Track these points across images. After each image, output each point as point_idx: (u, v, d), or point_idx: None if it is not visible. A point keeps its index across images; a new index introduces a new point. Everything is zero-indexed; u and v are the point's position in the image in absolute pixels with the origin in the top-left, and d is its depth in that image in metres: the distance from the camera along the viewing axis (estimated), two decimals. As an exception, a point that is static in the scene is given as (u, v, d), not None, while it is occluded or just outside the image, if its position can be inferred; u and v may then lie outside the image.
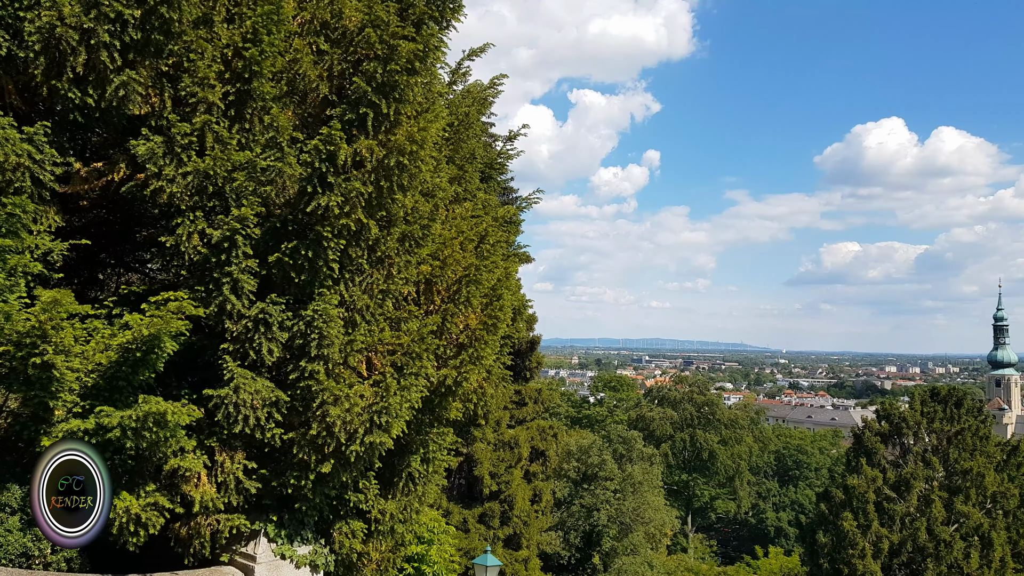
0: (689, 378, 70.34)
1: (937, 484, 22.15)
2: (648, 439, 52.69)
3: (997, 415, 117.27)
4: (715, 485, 58.83)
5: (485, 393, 9.89)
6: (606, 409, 65.09)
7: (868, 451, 23.81)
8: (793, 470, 66.28)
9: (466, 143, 10.12)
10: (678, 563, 39.88)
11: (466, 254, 8.93)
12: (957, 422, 22.94)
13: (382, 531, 8.84)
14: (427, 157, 7.86)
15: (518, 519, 24.64)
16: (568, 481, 36.87)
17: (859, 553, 20.49)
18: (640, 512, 36.16)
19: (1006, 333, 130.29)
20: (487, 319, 8.83)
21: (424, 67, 7.76)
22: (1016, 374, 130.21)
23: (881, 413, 25.05)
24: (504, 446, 24.76)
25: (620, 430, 44.86)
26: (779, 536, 56.07)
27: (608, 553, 34.82)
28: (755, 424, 63.46)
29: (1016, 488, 21.84)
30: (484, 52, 12.06)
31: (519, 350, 27.24)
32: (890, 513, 21.42)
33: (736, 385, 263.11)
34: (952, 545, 19.91)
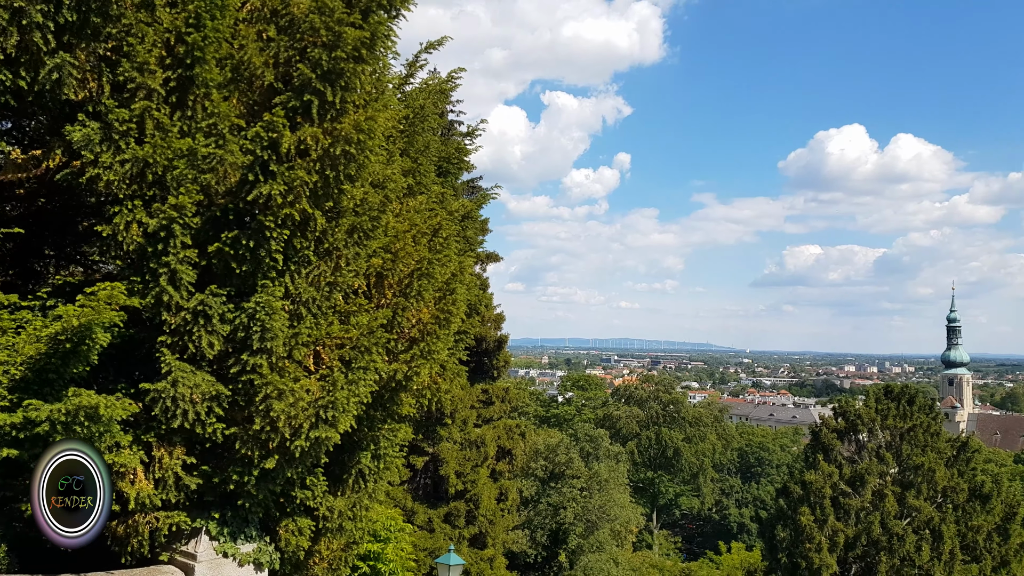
0: (656, 377, 70.84)
1: (890, 479, 22.48)
2: (615, 437, 53.00)
3: (950, 413, 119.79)
4: (680, 482, 59.30)
5: (439, 388, 9.78)
6: (574, 408, 65.32)
7: (825, 448, 24.09)
8: (755, 467, 67.08)
9: (421, 136, 9.99)
10: (643, 560, 40.09)
11: (419, 247, 8.81)
12: (910, 419, 23.30)
13: (331, 529, 8.68)
14: (377, 147, 7.72)
15: (484, 518, 24.56)
16: (535, 480, 36.89)
17: (816, 547, 20.71)
18: (606, 510, 36.34)
19: (959, 334, 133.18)
20: (440, 313, 8.71)
21: (372, 55, 7.61)
22: (968, 373, 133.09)
23: (838, 411, 25.38)
24: (471, 445, 24.65)
25: (588, 429, 45.07)
26: (742, 532, 56.63)
27: (574, 551, 34.91)
28: (719, 422, 64.08)
29: (965, 483, 22.23)
30: (442, 45, 11.92)
31: (487, 349, 27.17)
32: (846, 508, 21.69)
33: (702, 384, 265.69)
34: (904, 538, 20.20)
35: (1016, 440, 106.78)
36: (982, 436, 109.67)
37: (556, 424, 59.10)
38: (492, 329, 26.67)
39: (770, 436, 74.33)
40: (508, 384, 31.17)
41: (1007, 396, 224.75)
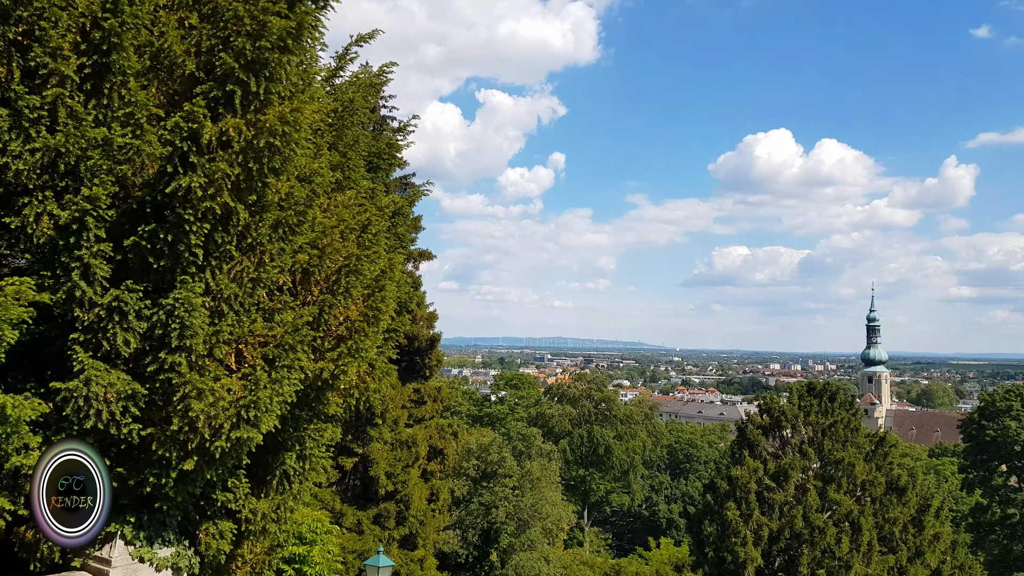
0: (588, 376, 71.50)
1: (812, 474, 23.16)
2: (547, 436, 53.25)
3: (869, 409, 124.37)
4: (611, 479, 59.98)
5: (368, 388, 9.62)
6: (507, 407, 65.45)
7: (751, 443, 24.68)
8: (684, 463, 68.36)
9: (350, 130, 9.82)
10: (574, 557, 40.39)
11: (347, 243, 8.65)
12: (831, 415, 24.04)
13: (254, 531, 8.47)
14: (303, 140, 7.55)
15: (414, 519, 24.37)
16: (467, 479, 36.79)
17: (741, 541, 21.20)
18: (538, 508, 36.46)
19: (878, 333, 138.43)
20: (368, 311, 8.58)
21: (298, 46, 7.46)
22: (886, 371, 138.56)
23: (763, 408, 26.03)
24: (401, 445, 24.43)
25: (520, 427, 45.19)
26: (670, 527, 57.69)
27: (506, 550, 34.95)
28: (649, 420, 64.99)
29: (883, 476, 23.05)
30: (373, 38, 11.74)
31: (419, 348, 26.96)
32: (770, 502, 22.26)
33: (633, 382, 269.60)
34: (825, 531, 20.84)
35: (931, 435, 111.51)
36: (899, 431, 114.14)
37: (489, 423, 59.11)
38: (424, 328, 26.49)
39: (698, 433, 75.88)
40: (441, 383, 31.02)
41: (923, 393, 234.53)
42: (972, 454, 46.31)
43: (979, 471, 44.97)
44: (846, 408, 24.95)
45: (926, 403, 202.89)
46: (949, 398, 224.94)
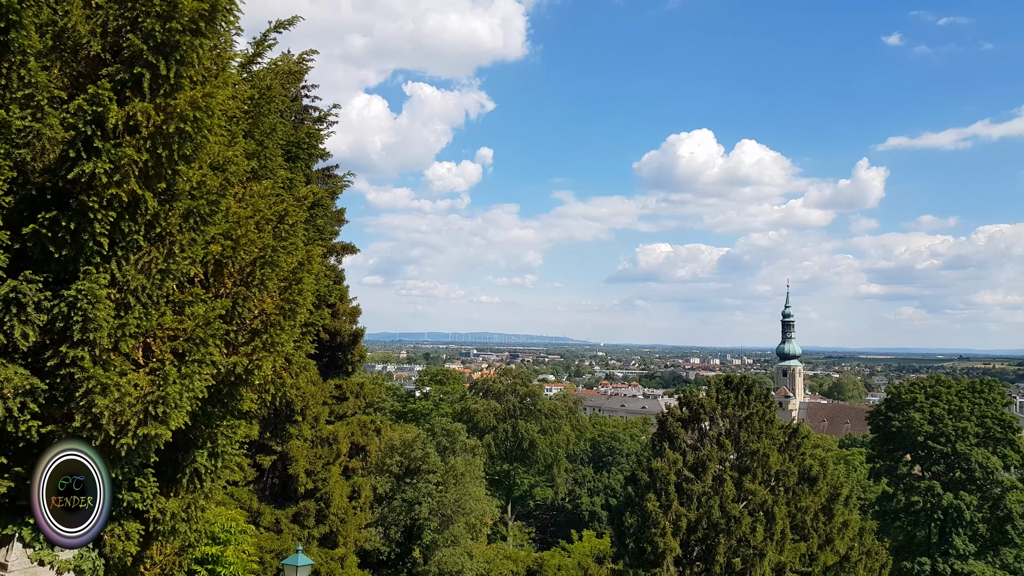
0: (514, 371, 71.64)
1: (729, 465, 23.75)
2: (472, 431, 53.25)
3: (783, 402, 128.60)
4: (534, 473, 60.39)
5: (284, 383, 9.40)
6: (432, 403, 65.20)
7: (671, 436, 25.14)
8: (607, 456, 69.33)
9: (267, 117, 9.55)
10: (497, 551, 40.49)
11: (263, 234, 8.41)
12: (747, 408, 24.69)
13: (163, 532, 8.17)
14: (216, 127, 7.30)
15: (335, 517, 24.03)
16: (390, 476, 36.53)
17: (660, 531, 21.58)
18: (462, 503, 36.44)
19: (792, 328, 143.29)
20: (285, 304, 8.37)
21: (212, 29, 7.21)
22: (800, 365, 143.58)
23: (682, 401, 26.55)
24: (322, 442, 24.06)
25: (445, 423, 45.06)
26: (593, 520, 58.41)
27: (429, 546, 34.83)
28: (573, 414, 65.69)
29: (795, 467, 23.80)
30: (293, 25, 11.45)
31: (341, 344, 26.57)
32: (688, 493, 22.73)
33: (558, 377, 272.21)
34: (741, 520, 21.40)
35: (841, 426, 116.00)
36: (811, 423, 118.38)
37: (413, 419, 58.81)
38: (347, 323, 26.13)
39: (621, 426, 77.08)
40: (363, 379, 30.66)
41: (834, 386, 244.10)
42: (879, 444, 48.33)
43: (885, 460, 46.98)
44: (761, 401, 25.65)
45: (837, 396, 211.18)
46: (859, 391, 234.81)
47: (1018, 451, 44.45)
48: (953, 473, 43.27)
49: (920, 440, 44.15)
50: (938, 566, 41.78)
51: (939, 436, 43.70)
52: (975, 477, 42.78)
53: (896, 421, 45.75)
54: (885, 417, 47.32)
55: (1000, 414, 45.14)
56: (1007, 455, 44.10)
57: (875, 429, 48.91)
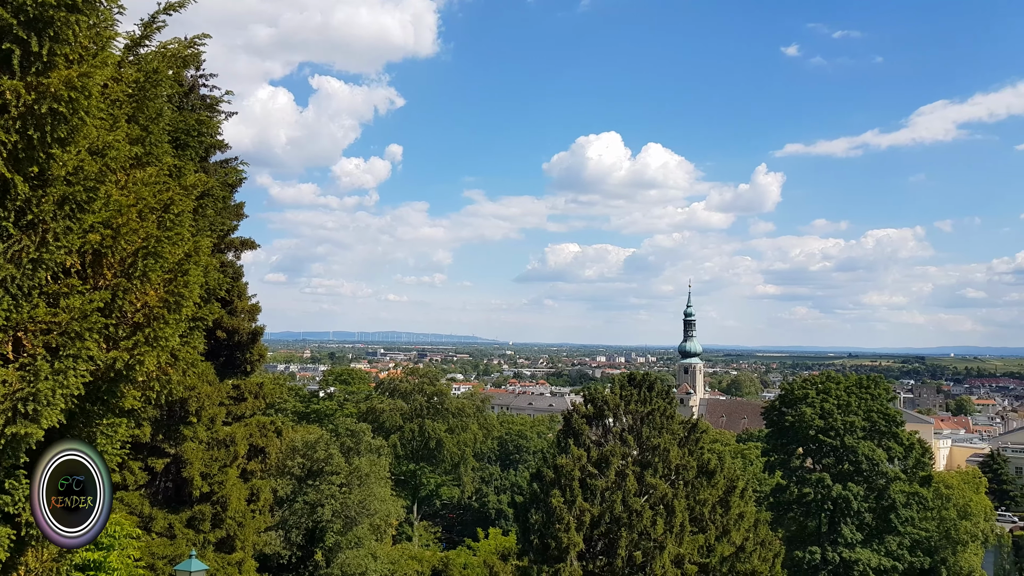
0: (421, 370, 71.24)
1: (632, 460, 24.20)
2: (378, 431, 52.62)
3: (684, 398, 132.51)
4: (441, 472, 60.18)
5: (171, 380, 8.96)
6: (336, 403, 64.11)
7: (576, 433, 25.44)
8: (514, 454, 69.74)
9: (153, 102, 9.07)
10: (402, 552, 40.13)
11: (146, 224, 7.97)
12: (649, 404, 25.23)
13: (37, 536, 7.64)
14: (94, 109, 6.88)
15: (232, 521, 23.28)
16: (292, 478, 35.74)
17: (565, 527, 21.79)
18: (366, 504, 36.00)
19: (694, 327, 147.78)
20: (169, 297, 7.96)
21: (90, 6, 6.80)
22: (700, 363, 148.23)
23: (587, 398, 26.91)
24: (219, 444, 23.26)
25: (349, 423, 44.39)
26: (500, 517, 58.65)
27: (332, 548, 34.22)
28: (481, 412, 65.79)
29: (695, 461, 24.46)
30: (184, 7, 10.93)
31: (239, 342, 25.74)
32: (592, 488, 23.04)
33: (466, 376, 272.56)
34: (642, 514, 21.83)
35: (739, 422, 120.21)
36: (710, 418, 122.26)
37: (316, 420, 57.68)
38: (246, 320, 25.33)
39: (528, 424, 77.72)
40: (264, 379, 29.86)
41: (732, 383, 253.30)
42: (773, 438, 50.30)
43: (779, 454, 48.92)
44: (663, 397, 26.26)
45: (735, 392, 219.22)
46: (755, 387, 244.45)
47: (901, 444, 47.06)
48: (842, 465, 45.42)
49: (812, 434, 46.17)
50: (828, 554, 43.78)
51: (829, 430, 45.81)
52: (862, 469, 45.05)
53: (789, 416, 47.70)
54: (779, 412, 49.28)
55: (885, 409, 47.68)
56: (891, 447, 46.61)
57: (770, 424, 50.87)
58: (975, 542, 57.72)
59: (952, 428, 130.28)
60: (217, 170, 22.95)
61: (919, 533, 49.27)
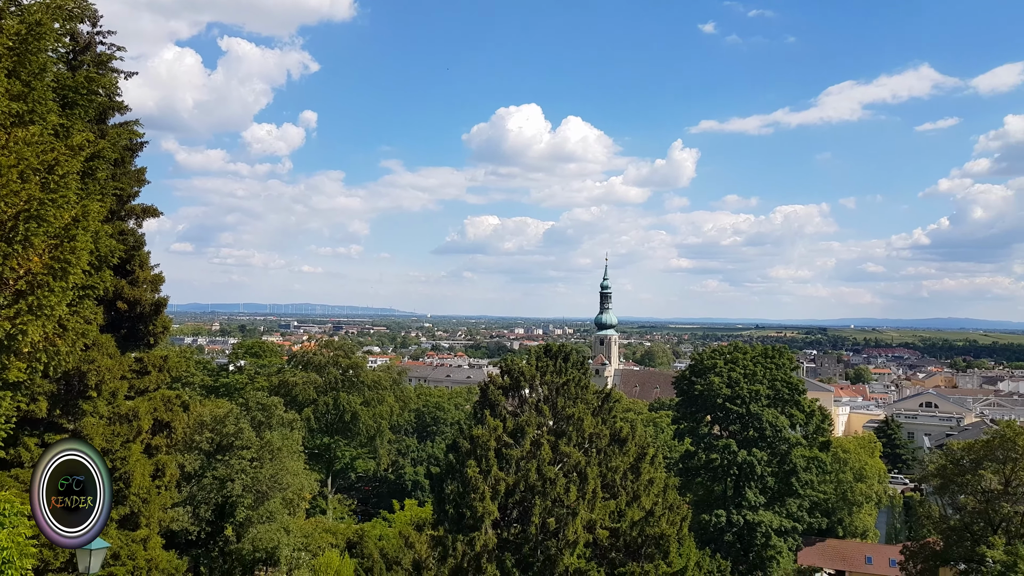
0: (336, 342, 70.07)
1: (547, 430, 24.44)
2: (291, 404, 51.71)
3: (600, 369, 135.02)
4: (357, 445, 59.70)
5: (59, 351, 8.48)
6: (247, 376, 62.64)
7: (492, 403, 25.49)
8: (431, 426, 69.74)
9: (36, 56, 8.44)
10: (316, 525, 39.72)
11: (28, 185, 7.44)
12: (565, 374, 25.48)
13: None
14: (-35, 59, 6.34)
15: (136, 497, 22.54)
16: (200, 453, 34.84)
17: (480, 496, 21.88)
18: (278, 478, 35.44)
19: (610, 300, 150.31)
20: (55, 263, 7.48)
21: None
22: (615, 334, 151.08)
23: (504, 368, 26.97)
24: (121, 419, 22.41)
25: (260, 397, 43.43)
26: (416, 489, 58.70)
27: (242, 523, 33.57)
28: (397, 385, 65.38)
29: (607, 429, 24.89)
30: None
31: (141, 314, 24.74)
32: (508, 458, 23.18)
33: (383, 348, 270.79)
34: (556, 482, 22.11)
35: (651, 391, 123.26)
36: (624, 388, 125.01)
37: (226, 394, 56.29)
38: (148, 291, 24.33)
39: (446, 396, 77.72)
40: (168, 352, 28.83)
41: (646, 354, 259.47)
42: (683, 407, 51.76)
43: (689, 422, 50.41)
44: (578, 368, 26.55)
45: (648, 363, 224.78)
46: (667, 358, 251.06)
47: (803, 411, 49.11)
48: (747, 432, 47.15)
49: (719, 402, 47.71)
50: (732, 517, 45.52)
51: (736, 398, 47.41)
52: (766, 435, 46.86)
53: (699, 385, 49.13)
54: (689, 382, 50.69)
55: (788, 378, 49.62)
56: (793, 414, 48.59)
57: (680, 393, 52.30)
58: (869, 503, 61.10)
59: (850, 396, 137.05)
60: (116, 133, 21.83)
61: (818, 495, 51.75)
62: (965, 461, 43.75)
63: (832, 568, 51.29)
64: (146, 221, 25.20)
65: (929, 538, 46.48)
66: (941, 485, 45.35)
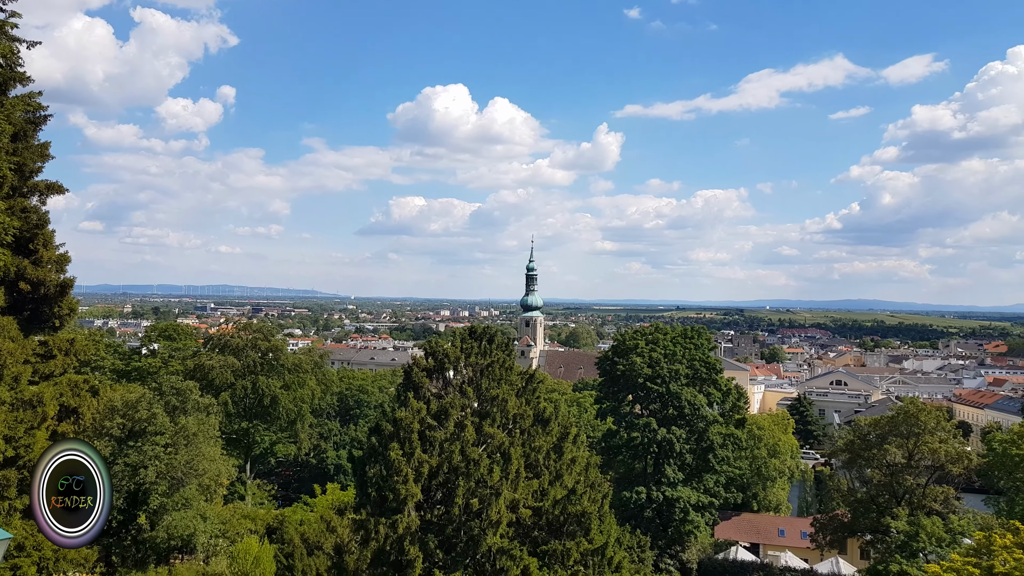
0: (255, 325, 68.36)
1: (471, 411, 24.42)
2: (207, 389, 50.34)
3: (525, 350, 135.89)
4: (277, 430, 58.56)
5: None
6: (160, 360, 60.58)
7: (416, 385, 25.29)
8: (355, 409, 68.99)
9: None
10: (234, 511, 38.89)
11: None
12: (489, 356, 25.45)
13: None
14: None
15: (42, 486, 21.58)
16: (111, 439, 33.65)
17: (403, 479, 21.73)
18: (194, 464, 34.56)
19: (535, 282, 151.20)
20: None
21: None
22: (541, 315, 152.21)
23: (428, 351, 26.76)
24: (24, 405, 21.43)
25: (175, 381, 42.12)
26: (339, 473, 58.08)
27: (157, 511, 32.64)
28: (319, 368, 64.29)
29: (531, 410, 25.04)
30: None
31: (46, 295, 23.66)
32: (431, 440, 23.06)
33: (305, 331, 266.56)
34: (480, 463, 22.13)
35: (576, 372, 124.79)
36: (549, 369, 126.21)
37: (139, 378, 54.36)
38: (52, 272, 23.21)
39: (370, 379, 76.91)
40: (76, 335, 27.69)
41: (571, 335, 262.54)
42: (606, 387, 52.56)
43: (611, 401, 51.24)
44: (503, 349, 26.54)
45: (573, 344, 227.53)
46: (592, 339, 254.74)
47: (720, 389, 50.51)
48: (667, 410, 48.24)
49: (640, 382, 48.61)
50: (652, 493, 46.60)
51: (656, 378, 48.40)
52: (685, 413, 48.04)
53: (621, 366, 49.93)
54: (612, 362, 51.46)
55: (706, 357, 50.91)
56: (711, 393, 49.95)
57: (603, 373, 53.07)
58: (782, 478, 63.48)
59: (765, 375, 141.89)
60: (12, 104, 20.68)
61: (734, 471, 53.41)
62: (871, 436, 45.89)
63: (747, 541, 53.14)
64: (51, 198, 24.00)
65: (838, 510, 48.70)
66: (849, 459, 47.52)
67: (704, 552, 47.84)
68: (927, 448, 43.35)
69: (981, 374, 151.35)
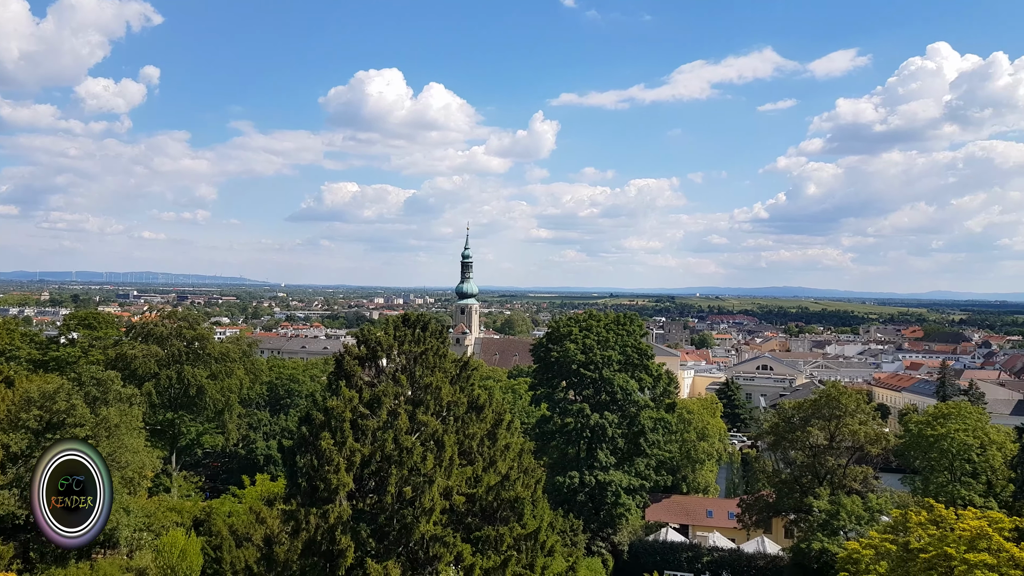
0: (180, 313, 66.36)
1: (404, 399, 24.17)
2: (130, 379, 48.75)
3: (461, 338, 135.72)
4: (203, 420, 57.09)
5: None
6: (80, 349, 58.44)
7: (347, 374, 24.91)
8: (285, 399, 67.69)
9: None
10: (159, 504, 37.77)
11: None
12: (423, 344, 25.21)
13: None
14: None
15: (-50, 482, 20.52)
16: (27, 432, 32.33)
17: (335, 468, 21.41)
18: (116, 457, 33.51)
19: (471, 269, 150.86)
20: None
21: None
22: (476, 303, 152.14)
23: (360, 339, 26.38)
24: (-70, 397, 20.24)
25: (95, 371, 40.67)
26: (269, 463, 56.85)
27: (76, 505, 31.38)
28: (248, 357, 62.86)
29: (465, 397, 24.94)
30: None
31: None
32: (364, 429, 22.76)
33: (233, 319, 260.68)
34: (413, 451, 21.94)
35: (511, 359, 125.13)
36: (485, 356, 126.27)
37: (57, 368, 52.27)
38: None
39: (301, 368, 75.52)
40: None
41: (506, 322, 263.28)
42: (540, 373, 52.75)
43: (545, 387, 51.46)
44: (436, 337, 26.31)
45: (508, 331, 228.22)
46: (527, 326, 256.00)
47: (651, 375, 51.24)
48: (600, 396, 48.71)
49: (574, 368, 48.94)
50: (585, 477, 47.05)
51: (589, 364, 48.80)
52: (617, 399, 48.59)
53: (555, 352, 50.18)
54: (546, 349, 51.67)
55: (638, 344, 51.55)
56: (642, 378, 50.62)
57: (537, 360, 53.25)
58: (711, 460, 64.95)
59: (695, 360, 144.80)
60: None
61: (664, 455, 54.37)
62: (795, 419, 47.27)
63: (677, 522, 54.28)
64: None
65: (763, 491, 50.07)
66: (774, 442, 48.88)
67: (635, 534, 48.66)
68: (848, 430, 44.90)
69: (899, 358, 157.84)
